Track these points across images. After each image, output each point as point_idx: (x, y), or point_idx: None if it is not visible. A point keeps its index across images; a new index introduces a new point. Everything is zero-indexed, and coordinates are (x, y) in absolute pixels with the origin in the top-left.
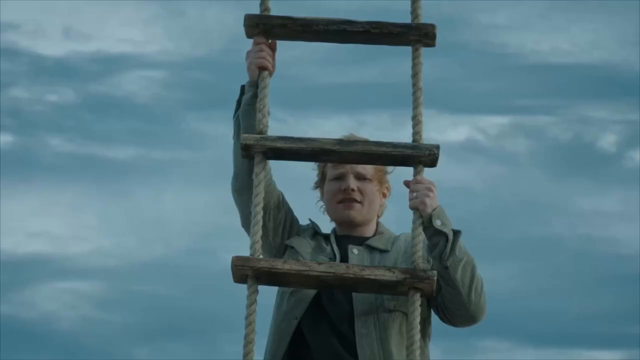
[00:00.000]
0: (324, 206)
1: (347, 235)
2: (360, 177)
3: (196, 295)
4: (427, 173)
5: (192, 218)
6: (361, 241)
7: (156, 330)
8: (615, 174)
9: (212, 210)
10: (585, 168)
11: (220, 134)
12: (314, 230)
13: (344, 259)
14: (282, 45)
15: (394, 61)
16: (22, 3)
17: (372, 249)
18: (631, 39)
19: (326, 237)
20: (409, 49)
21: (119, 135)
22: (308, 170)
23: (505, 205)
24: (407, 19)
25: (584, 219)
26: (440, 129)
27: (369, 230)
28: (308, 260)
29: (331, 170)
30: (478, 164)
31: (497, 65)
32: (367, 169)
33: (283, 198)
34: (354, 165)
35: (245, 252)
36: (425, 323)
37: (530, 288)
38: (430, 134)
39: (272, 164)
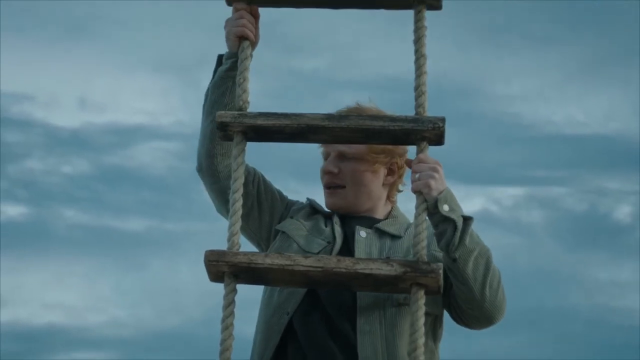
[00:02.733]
0: None
1: (354, 216)
2: (342, 157)
3: None
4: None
5: (207, 288)
6: (371, 223)
7: None
8: (631, 244)
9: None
10: (601, 239)
11: None
12: (311, 209)
13: (349, 242)
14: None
15: None
16: (36, 74)
17: (382, 233)
18: None
19: (327, 216)
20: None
21: (133, 207)
22: None
23: (521, 276)
24: None
25: (600, 289)
26: None
27: (378, 213)
28: (303, 245)
29: (323, 147)
30: (493, 235)
31: (511, 136)
32: (353, 146)
33: (255, 175)
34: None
35: None
36: (436, 323)
37: (545, 358)
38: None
39: None
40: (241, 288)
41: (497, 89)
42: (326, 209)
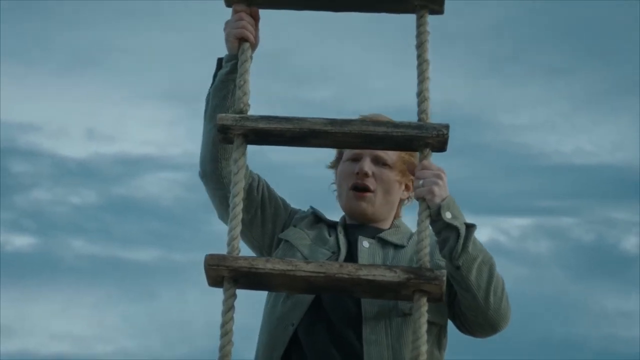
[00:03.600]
0: (336, 190)
1: (358, 225)
2: (378, 162)
3: None
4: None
5: (215, 319)
6: (374, 233)
7: None
8: (638, 275)
9: (235, 311)
10: (609, 269)
11: None
12: (314, 217)
13: (352, 252)
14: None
15: None
16: (44, 104)
17: (385, 242)
18: None
19: (331, 225)
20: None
21: (140, 237)
22: None
23: (529, 306)
24: None
25: (608, 319)
26: None
27: (384, 224)
28: (307, 254)
29: (348, 150)
30: (501, 266)
31: (519, 166)
32: (389, 154)
33: (259, 182)
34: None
35: None
36: (441, 333)
37: None
38: None
39: None
40: (241, 317)
41: (505, 119)
42: (329, 218)
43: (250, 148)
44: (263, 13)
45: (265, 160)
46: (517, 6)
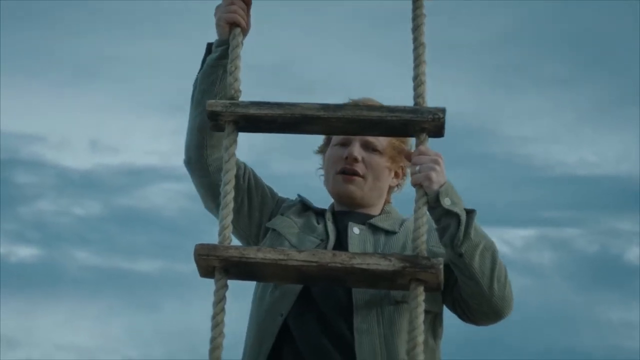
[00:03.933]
0: (324, 175)
1: (347, 211)
2: (368, 147)
3: None
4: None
5: None
6: (364, 219)
7: None
8: None
9: (238, 321)
10: (612, 280)
11: None
12: (302, 205)
13: (342, 239)
14: None
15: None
16: (48, 115)
17: (376, 229)
18: None
19: (319, 213)
20: None
21: (144, 248)
22: None
23: (532, 317)
24: None
25: (612, 330)
26: None
27: (373, 210)
28: (295, 243)
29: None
30: None
31: (523, 177)
32: (379, 140)
33: (245, 170)
34: None
35: None
36: (436, 321)
37: None
38: None
39: None
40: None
41: (509, 130)
42: (317, 206)
43: (254, 159)
44: (265, 19)
45: (268, 172)
46: (521, 17)
